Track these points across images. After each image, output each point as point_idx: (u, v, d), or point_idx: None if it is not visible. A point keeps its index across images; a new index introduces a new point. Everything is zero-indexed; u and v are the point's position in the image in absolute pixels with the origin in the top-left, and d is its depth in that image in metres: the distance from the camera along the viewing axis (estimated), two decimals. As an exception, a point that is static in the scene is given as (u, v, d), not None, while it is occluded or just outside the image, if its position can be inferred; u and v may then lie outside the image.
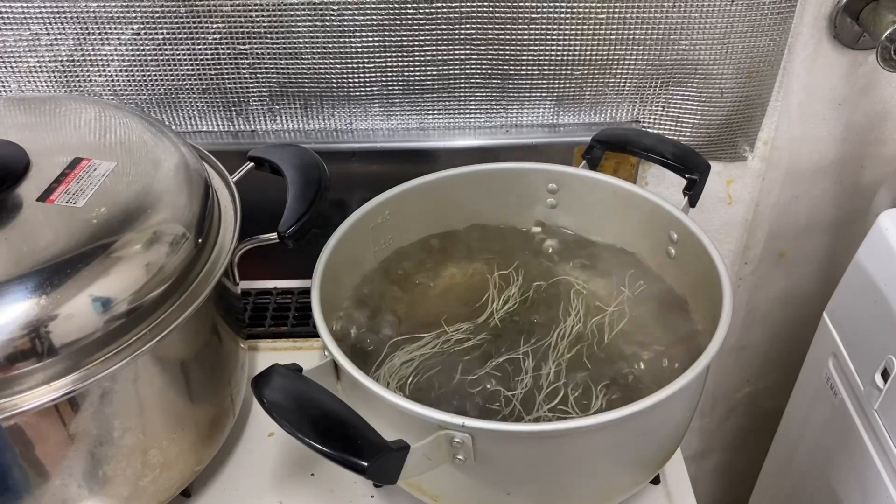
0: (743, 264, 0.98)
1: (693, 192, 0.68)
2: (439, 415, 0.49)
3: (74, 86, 0.78)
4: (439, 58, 0.78)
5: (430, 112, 0.82)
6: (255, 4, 0.74)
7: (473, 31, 0.76)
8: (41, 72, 0.77)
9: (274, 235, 0.62)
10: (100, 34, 0.75)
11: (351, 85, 0.79)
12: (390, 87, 0.80)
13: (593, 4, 0.75)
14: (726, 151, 0.87)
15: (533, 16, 0.76)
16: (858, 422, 0.73)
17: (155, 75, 0.78)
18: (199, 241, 0.57)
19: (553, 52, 0.78)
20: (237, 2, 0.73)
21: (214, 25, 0.75)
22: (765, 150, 0.87)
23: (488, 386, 0.60)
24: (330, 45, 0.76)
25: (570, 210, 0.74)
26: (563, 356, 0.63)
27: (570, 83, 0.80)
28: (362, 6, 0.74)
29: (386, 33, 0.76)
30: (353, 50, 0.77)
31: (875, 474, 0.70)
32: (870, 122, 0.87)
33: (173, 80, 0.78)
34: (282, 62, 0.77)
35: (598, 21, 0.76)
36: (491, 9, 0.75)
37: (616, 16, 0.76)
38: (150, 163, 0.58)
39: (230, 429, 0.67)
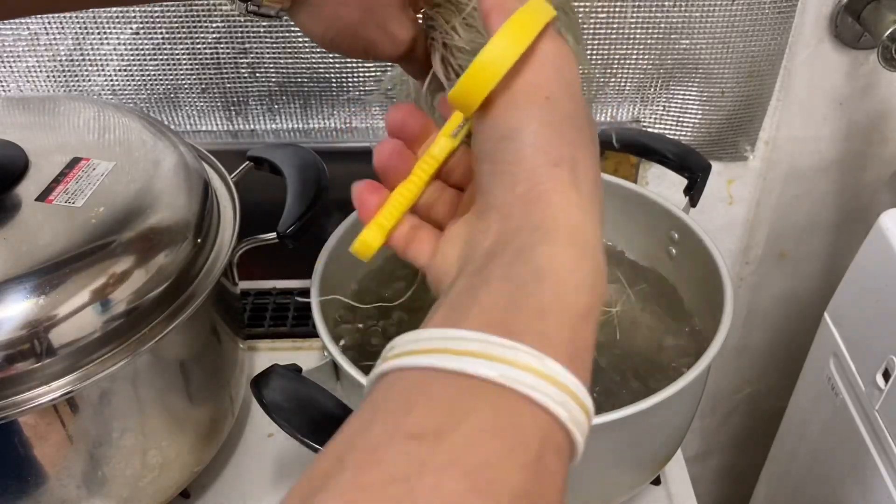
0: (744, 264, 0.98)
1: (694, 192, 0.68)
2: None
3: (73, 85, 0.78)
4: (439, 57, 0.78)
5: (431, 111, 0.82)
6: (255, 4, 0.73)
7: (473, 31, 0.76)
8: (40, 71, 0.77)
9: (273, 235, 0.61)
10: (99, 33, 0.75)
11: (351, 84, 0.79)
12: (390, 87, 0.80)
13: (594, 3, 0.75)
14: (727, 151, 0.86)
15: (533, 15, 0.75)
16: (859, 422, 0.73)
17: (154, 75, 0.77)
18: (198, 240, 0.57)
19: (553, 52, 0.78)
20: (237, 1, 0.73)
21: (214, 24, 0.75)
22: (766, 150, 0.87)
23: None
24: (330, 45, 0.76)
25: (570, 210, 0.73)
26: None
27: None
28: (362, 5, 0.74)
29: (386, 33, 0.76)
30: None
31: (876, 475, 0.70)
32: (871, 121, 0.86)
33: (172, 79, 0.78)
34: (281, 61, 0.77)
35: (598, 20, 0.76)
36: (491, 8, 0.75)
37: (617, 15, 0.76)
38: (148, 162, 0.58)
39: (229, 429, 0.66)
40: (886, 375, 0.68)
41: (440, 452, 0.23)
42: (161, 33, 0.75)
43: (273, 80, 0.78)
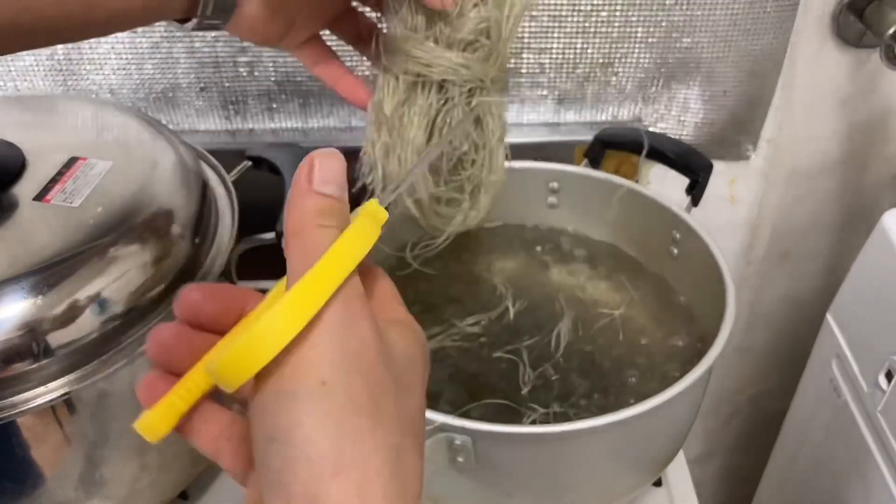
0: (746, 264, 0.97)
1: (695, 192, 0.68)
2: (439, 416, 0.49)
3: (71, 84, 0.78)
4: (440, 56, 0.77)
5: (431, 111, 0.81)
6: (254, 2, 0.73)
7: (474, 30, 0.76)
8: (38, 70, 0.76)
9: (272, 235, 0.61)
10: (97, 32, 0.74)
11: (350, 84, 0.79)
12: (390, 86, 0.79)
13: (595, 2, 0.75)
14: (729, 150, 0.86)
15: (534, 13, 0.75)
16: (862, 423, 0.73)
17: (152, 74, 0.77)
18: (197, 241, 0.57)
19: (555, 50, 0.77)
20: None
21: (213, 24, 0.74)
22: (768, 150, 0.87)
23: (489, 387, 0.60)
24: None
25: (571, 209, 0.73)
26: (564, 357, 0.62)
27: (571, 81, 0.80)
28: (362, 4, 0.74)
29: (386, 31, 0.75)
30: (352, 48, 0.76)
31: (878, 476, 0.70)
32: (874, 120, 0.86)
33: (170, 78, 0.78)
34: (280, 60, 0.77)
35: (599, 19, 0.76)
36: (492, 7, 0.74)
37: (618, 13, 0.75)
38: (146, 162, 0.58)
39: (228, 430, 0.66)
40: (889, 376, 0.68)
41: None
42: (159, 32, 0.74)
43: (272, 78, 0.78)
